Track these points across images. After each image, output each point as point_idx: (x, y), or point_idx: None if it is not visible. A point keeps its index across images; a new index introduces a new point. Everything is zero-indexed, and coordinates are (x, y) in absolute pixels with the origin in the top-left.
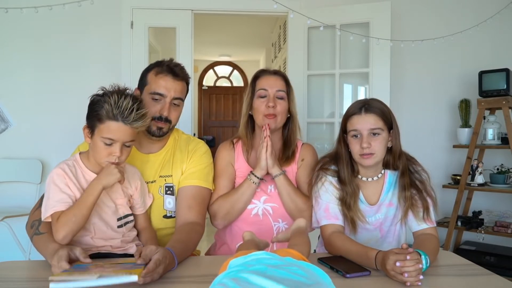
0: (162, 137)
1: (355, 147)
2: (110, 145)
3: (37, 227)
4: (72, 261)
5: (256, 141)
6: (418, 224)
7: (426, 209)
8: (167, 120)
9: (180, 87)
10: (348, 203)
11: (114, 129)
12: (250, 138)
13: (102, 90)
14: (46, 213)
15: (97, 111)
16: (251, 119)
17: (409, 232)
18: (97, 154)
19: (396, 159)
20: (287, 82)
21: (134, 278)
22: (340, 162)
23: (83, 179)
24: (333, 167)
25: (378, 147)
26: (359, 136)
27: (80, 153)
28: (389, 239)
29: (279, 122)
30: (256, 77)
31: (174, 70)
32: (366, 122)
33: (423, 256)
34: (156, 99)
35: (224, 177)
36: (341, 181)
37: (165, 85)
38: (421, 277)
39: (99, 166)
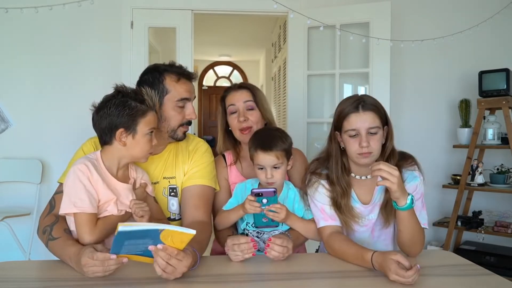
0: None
1: (353, 146)
2: (151, 135)
3: (50, 233)
4: None
5: (243, 153)
6: None
7: None
8: (190, 123)
9: (193, 88)
10: (339, 203)
11: (153, 119)
12: (237, 150)
13: (117, 90)
14: (69, 209)
15: (133, 109)
16: (231, 134)
17: None
18: (140, 149)
19: (390, 159)
20: (254, 92)
21: (192, 231)
22: (331, 160)
23: (103, 179)
24: (324, 171)
25: (375, 146)
26: (357, 135)
27: (101, 151)
28: (383, 237)
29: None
30: (223, 96)
31: (190, 74)
32: (364, 121)
33: (410, 196)
34: (181, 106)
35: (222, 190)
36: (331, 182)
37: (187, 88)
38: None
39: (118, 166)
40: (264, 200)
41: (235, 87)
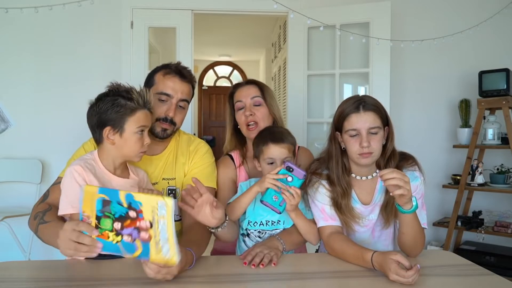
0: (165, 139)
1: (353, 147)
2: (141, 135)
3: (42, 218)
4: None
5: (249, 153)
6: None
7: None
8: (172, 122)
9: (187, 89)
10: (339, 203)
11: (143, 117)
12: (244, 150)
13: (110, 89)
14: (67, 210)
15: (122, 107)
16: (239, 132)
17: None
18: (130, 149)
19: (390, 159)
20: (262, 88)
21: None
22: (332, 161)
23: (101, 179)
24: (325, 171)
25: (376, 146)
26: (357, 135)
27: (98, 151)
28: (383, 237)
29: (262, 128)
30: (232, 93)
31: (182, 72)
32: (365, 121)
33: (413, 198)
34: (163, 100)
35: (226, 190)
36: (331, 182)
37: (172, 86)
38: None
39: (114, 165)
40: (289, 179)
41: (243, 83)
